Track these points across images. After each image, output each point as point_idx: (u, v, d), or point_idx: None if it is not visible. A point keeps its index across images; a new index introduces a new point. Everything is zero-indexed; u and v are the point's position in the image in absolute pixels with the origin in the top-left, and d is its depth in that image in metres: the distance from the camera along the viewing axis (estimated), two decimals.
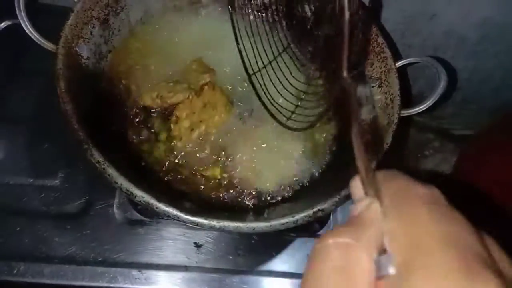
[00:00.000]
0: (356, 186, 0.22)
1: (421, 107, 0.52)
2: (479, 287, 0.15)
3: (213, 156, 0.52)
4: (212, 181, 0.51)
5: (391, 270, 0.18)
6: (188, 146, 0.51)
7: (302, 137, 0.54)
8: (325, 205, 0.43)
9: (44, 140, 0.58)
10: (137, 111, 0.53)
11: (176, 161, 0.51)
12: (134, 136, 0.52)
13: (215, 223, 0.41)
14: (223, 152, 0.52)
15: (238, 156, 0.52)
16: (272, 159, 0.52)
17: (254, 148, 0.52)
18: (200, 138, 0.52)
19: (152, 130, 0.52)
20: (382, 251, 0.19)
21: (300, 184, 0.53)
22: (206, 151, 0.52)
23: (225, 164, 0.52)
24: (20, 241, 0.52)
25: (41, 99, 0.60)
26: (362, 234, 0.19)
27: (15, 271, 0.50)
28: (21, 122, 0.58)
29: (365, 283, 0.18)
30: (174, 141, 0.51)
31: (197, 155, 0.51)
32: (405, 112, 0.52)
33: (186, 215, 0.41)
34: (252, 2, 0.59)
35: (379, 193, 0.21)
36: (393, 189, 0.21)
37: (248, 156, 0.52)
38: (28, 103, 0.60)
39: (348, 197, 0.43)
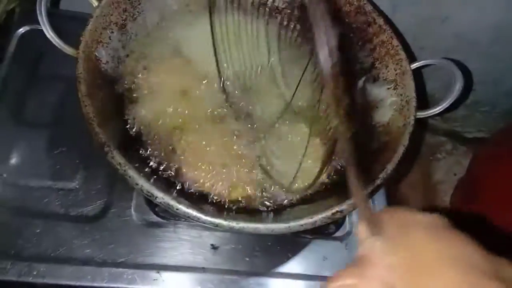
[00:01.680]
0: (361, 229, 0.23)
1: (438, 109, 0.52)
2: None
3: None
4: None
5: None
6: None
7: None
8: (343, 207, 0.43)
9: (63, 144, 0.58)
10: None
11: None
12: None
13: (234, 224, 0.42)
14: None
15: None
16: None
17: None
18: None
19: None
20: (390, 285, 0.19)
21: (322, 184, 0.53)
22: None
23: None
24: (39, 242, 0.52)
25: (60, 103, 0.61)
26: (366, 272, 0.20)
27: (35, 273, 0.50)
28: (40, 125, 0.59)
29: None
30: None
31: None
32: (421, 114, 0.52)
33: (206, 216, 0.41)
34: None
35: (382, 230, 0.21)
36: (395, 223, 0.21)
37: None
38: (48, 107, 0.61)
39: (368, 197, 0.43)
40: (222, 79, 0.54)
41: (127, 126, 0.52)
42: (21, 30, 0.65)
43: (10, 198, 0.54)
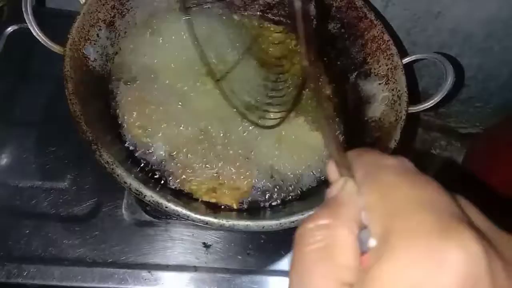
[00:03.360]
0: (331, 169, 0.23)
1: (429, 103, 0.52)
2: (454, 240, 0.16)
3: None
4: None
5: (372, 243, 0.18)
6: None
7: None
8: None
9: (52, 143, 0.58)
10: None
11: None
12: None
13: (224, 221, 0.41)
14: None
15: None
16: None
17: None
18: None
19: None
20: (363, 227, 0.19)
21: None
22: None
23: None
24: (29, 243, 0.52)
25: (49, 102, 0.60)
26: (340, 212, 0.20)
27: (25, 273, 0.50)
28: (29, 125, 0.59)
29: (349, 259, 0.18)
30: None
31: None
32: (412, 109, 0.51)
33: (195, 214, 0.41)
34: None
35: (351, 172, 0.21)
36: (364, 164, 0.21)
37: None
38: (36, 106, 0.60)
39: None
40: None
41: (117, 124, 0.51)
42: (9, 29, 0.63)
43: None
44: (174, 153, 0.50)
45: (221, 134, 0.52)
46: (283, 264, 0.55)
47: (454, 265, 0.15)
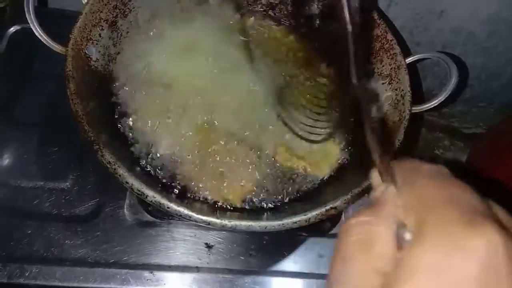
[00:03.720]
0: (375, 176, 0.25)
1: (433, 103, 0.51)
2: (476, 229, 0.18)
3: None
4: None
5: (408, 236, 0.21)
6: None
7: None
8: (337, 203, 0.42)
9: (54, 143, 0.58)
10: None
11: None
12: None
13: (226, 222, 0.41)
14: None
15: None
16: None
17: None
18: None
19: None
20: (401, 225, 0.22)
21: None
22: None
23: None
24: (31, 243, 0.52)
25: (51, 102, 0.60)
26: (379, 211, 0.22)
27: (27, 274, 0.50)
28: (31, 125, 0.59)
29: (384, 250, 0.21)
30: None
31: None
32: (416, 108, 0.51)
33: (198, 214, 0.40)
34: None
35: (393, 178, 0.24)
36: (405, 171, 0.24)
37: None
38: (38, 106, 0.60)
39: (360, 195, 0.43)
40: None
41: (119, 124, 0.51)
42: (12, 29, 0.64)
43: (0, 199, 0.54)
44: (177, 152, 0.50)
45: (224, 134, 0.52)
46: (285, 264, 0.55)
47: (475, 251, 0.17)
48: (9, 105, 0.60)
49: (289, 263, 0.55)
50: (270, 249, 0.56)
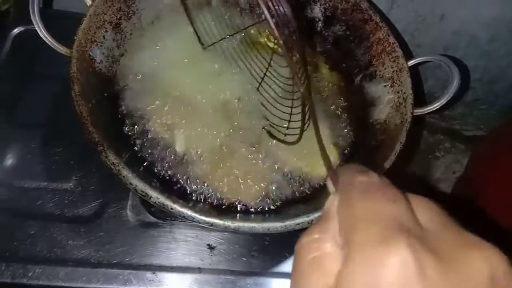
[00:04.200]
0: (329, 185, 0.26)
1: (435, 106, 0.51)
2: (392, 251, 0.19)
3: None
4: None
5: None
6: None
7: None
8: None
9: (58, 144, 0.58)
10: None
11: None
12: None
13: (229, 223, 0.41)
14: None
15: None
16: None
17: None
18: None
19: None
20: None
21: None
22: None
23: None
24: (34, 244, 0.52)
25: (54, 103, 0.61)
26: (327, 226, 0.23)
27: (30, 274, 0.50)
28: (35, 126, 0.59)
29: (333, 266, 0.21)
30: None
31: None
32: (418, 111, 0.51)
33: (201, 215, 0.41)
34: None
35: (337, 187, 0.24)
36: (344, 181, 0.24)
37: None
38: (42, 108, 0.60)
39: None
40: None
41: (123, 126, 0.51)
42: (16, 30, 0.64)
43: (4, 199, 0.54)
44: (183, 153, 0.50)
45: (225, 132, 0.52)
46: (287, 266, 0.55)
47: (391, 268, 0.18)
48: (13, 106, 0.60)
49: (291, 265, 0.55)
50: (272, 251, 0.56)
